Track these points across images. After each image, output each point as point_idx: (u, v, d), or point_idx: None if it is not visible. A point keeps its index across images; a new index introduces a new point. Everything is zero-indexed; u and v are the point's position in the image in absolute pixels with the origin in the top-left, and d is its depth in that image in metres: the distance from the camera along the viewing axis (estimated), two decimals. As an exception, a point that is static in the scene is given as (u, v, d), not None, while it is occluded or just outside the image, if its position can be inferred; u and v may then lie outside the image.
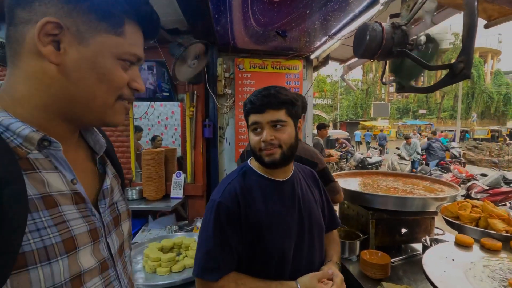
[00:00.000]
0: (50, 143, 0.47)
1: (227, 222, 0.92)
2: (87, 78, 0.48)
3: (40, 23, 0.43)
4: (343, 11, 1.58)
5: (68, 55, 0.46)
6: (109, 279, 0.54)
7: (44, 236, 0.43)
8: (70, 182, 0.50)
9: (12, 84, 0.47)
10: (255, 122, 0.95)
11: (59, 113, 0.49)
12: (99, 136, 0.61)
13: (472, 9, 0.91)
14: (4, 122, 0.43)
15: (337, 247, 1.20)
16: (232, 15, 1.69)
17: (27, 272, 0.41)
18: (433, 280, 0.99)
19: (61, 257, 0.45)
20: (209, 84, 2.41)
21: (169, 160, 2.46)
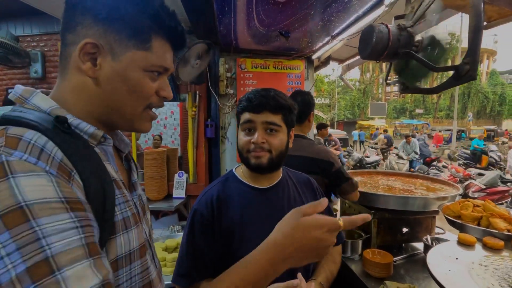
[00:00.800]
0: (105, 139, 0.56)
1: (201, 230, 0.91)
2: (119, 90, 0.55)
3: (80, 44, 0.51)
4: (347, 12, 1.59)
5: (103, 70, 0.53)
6: (151, 256, 0.63)
7: (122, 210, 0.53)
8: (117, 172, 0.58)
9: (62, 94, 0.54)
10: (248, 121, 0.91)
11: (98, 118, 0.57)
12: (123, 136, 0.68)
13: (478, 11, 0.92)
14: (73, 122, 0.51)
15: (332, 266, 1.06)
16: (236, 15, 1.69)
17: (115, 238, 0.50)
18: (439, 279, 1.01)
19: (133, 227, 0.55)
20: (211, 84, 2.41)
21: (171, 160, 2.45)
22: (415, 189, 1.89)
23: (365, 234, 1.67)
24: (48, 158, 0.42)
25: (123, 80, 0.54)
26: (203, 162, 2.45)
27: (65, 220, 0.39)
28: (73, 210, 0.40)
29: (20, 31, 2.54)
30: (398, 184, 2.07)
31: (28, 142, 0.41)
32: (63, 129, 0.48)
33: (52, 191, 0.39)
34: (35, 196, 0.37)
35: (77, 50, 0.51)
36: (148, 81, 0.57)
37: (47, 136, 0.44)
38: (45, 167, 0.40)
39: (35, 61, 2.49)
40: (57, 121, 0.47)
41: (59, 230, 0.38)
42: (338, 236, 1.13)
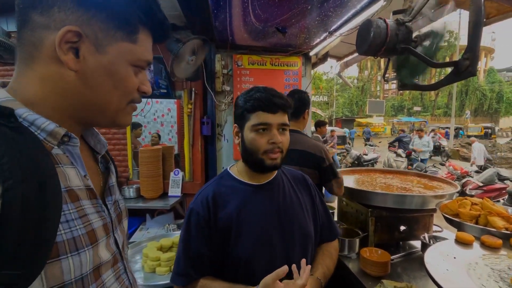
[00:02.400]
0: (70, 139, 0.49)
1: (197, 228, 0.92)
2: (103, 85, 0.50)
3: (61, 31, 0.44)
4: (345, 7, 1.56)
5: (86, 63, 0.48)
6: (119, 272, 0.57)
7: (72, 228, 0.46)
8: (84, 178, 0.52)
9: (25, 85, 0.47)
10: (264, 123, 0.90)
11: (72, 115, 0.51)
12: (99, 136, 0.62)
13: (479, 7, 0.90)
14: (29, 118, 0.45)
15: (329, 261, 1.06)
16: (231, 10, 1.66)
17: (59, 261, 0.44)
18: (437, 279, 0.99)
19: (87, 248, 0.48)
20: (207, 81, 2.38)
21: (167, 158, 2.43)
22: (413, 187, 1.88)
23: (363, 232, 1.66)
24: None
25: (109, 74, 0.50)
26: (199, 160, 2.42)
27: None
28: None
29: (12, 26, 2.49)
30: (396, 182, 2.06)
31: None
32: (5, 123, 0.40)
33: None
34: None
35: (56, 38, 0.45)
36: (132, 75, 0.53)
37: None
38: None
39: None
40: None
41: None
42: (334, 231, 1.13)
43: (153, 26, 0.54)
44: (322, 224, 1.10)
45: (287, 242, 0.96)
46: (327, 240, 1.12)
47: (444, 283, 0.96)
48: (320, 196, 1.15)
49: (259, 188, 0.98)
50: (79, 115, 0.52)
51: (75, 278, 0.45)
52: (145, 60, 0.54)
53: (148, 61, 0.55)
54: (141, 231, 2.10)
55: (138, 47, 0.52)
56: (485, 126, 20.21)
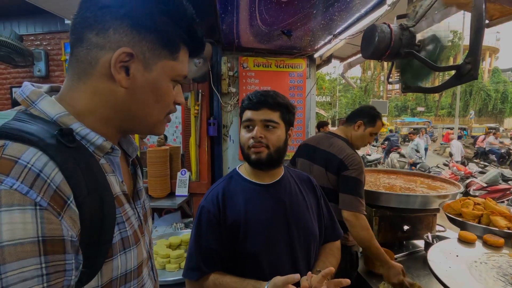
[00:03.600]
0: (113, 150, 0.54)
1: (207, 225, 0.96)
2: (147, 99, 0.54)
3: (117, 52, 0.49)
4: (349, 11, 1.60)
5: (135, 80, 0.52)
6: (149, 269, 0.63)
7: (122, 230, 0.52)
8: (121, 184, 0.56)
9: (77, 98, 0.51)
10: (248, 119, 0.98)
11: (116, 124, 0.55)
12: (132, 140, 0.66)
13: (480, 12, 0.93)
14: (81, 133, 0.49)
15: (333, 259, 1.09)
16: (239, 14, 1.70)
17: (112, 260, 0.49)
18: (439, 276, 1.02)
19: (132, 247, 0.53)
20: (213, 82, 2.42)
21: (174, 158, 2.47)
22: (416, 187, 1.91)
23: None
24: (43, 186, 0.39)
25: (153, 90, 0.54)
26: (205, 160, 2.46)
27: (32, 266, 0.36)
28: (47, 253, 0.38)
29: (23, 30, 2.56)
30: (399, 182, 2.09)
31: (24, 166, 0.38)
32: (67, 143, 0.44)
33: (33, 229, 0.37)
34: (11, 236, 0.35)
35: (112, 58, 0.49)
36: (171, 90, 0.57)
37: (48, 155, 0.41)
38: (35, 198, 0.38)
39: (39, 59, 2.51)
40: (61, 135, 0.44)
41: (22, 279, 0.35)
42: (337, 231, 1.16)
43: (193, 44, 0.58)
44: (325, 225, 1.13)
45: (292, 240, 0.99)
46: (330, 240, 1.15)
47: (446, 280, 0.99)
48: (324, 197, 1.18)
49: (266, 187, 1.02)
50: (122, 125, 0.56)
51: (120, 274, 0.50)
52: (183, 75, 0.58)
53: (185, 75, 0.59)
54: (150, 229, 2.15)
55: (178, 63, 0.56)
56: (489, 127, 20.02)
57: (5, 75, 2.68)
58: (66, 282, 0.40)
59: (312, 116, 2.87)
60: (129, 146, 0.65)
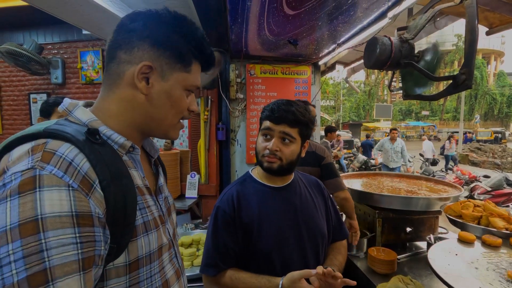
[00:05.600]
0: (134, 149, 0.63)
1: (223, 224, 1.02)
2: (163, 105, 0.64)
3: (140, 66, 0.59)
4: (353, 23, 1.68)
5: (154, 88, 0.62)
6: (171, 255, 0.70)
7: (143, 215, 0.59)
8: (143, 179, 0.65)
9: (106, 104, 0.62)
10: (267, 128, 1.02)
11: (138, 127, 0.65)
12: (154, 143, 0.76)
13: (473, 26, 1.01)
14: (107, 133, 0.59)
15: (340, 257, 1.15)
16: (248, 25, 1.79)
17: (136, 240, 0.56)
18: (438, 272, 1.09)
19: (153, 230, 0.61)
20: (222, 89, 2.52)
21: (184, 161, 2.56)
22: (419, 190, 1.96)
23: (370, 233, 1.74)
24: (74, 172, 0.48)
25: (168, 97, 0.63)
26: (214, 164, 2.55)
27: (68, 235, 0.44)
28: (79, 225, 0.45)
29: (42, 39, 2.69)
30: (402, 185, 2.14)
31: (60, 156, 0.48)
32: (94, 140, 0.53)
33: (67, 205, 0.45)
34: (51, 210, 0.43)
35: (136, 70, 0.59)
36: (185, 97, 0.67)
37: (78, 148, 0.51)
38: (69, 181, 0.46)
39: (56, 67, 2.63)
40: (88, 133, 0.54)
41: (61, 244, 0.43)
42: (344, 231, 1.23)
43: (203, 59, 0.68)
44: (333, 225, 1.19)
45: (303, 239, 1.05)
46: (337, 239, 1.21)
47: (444, 276, 1.05)
48: (332, 199, 1.24)
49: (278, 190, 1.07)
50: (141, 127, 0.65)
51: (145, 254, 0.58)
52: (195, 86, 0.68)
53: (197, 86, 0.69)
54: (161, 230, 2.23)
55: (190, 75, 0.66)
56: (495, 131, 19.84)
57: (24, 82, 2.80)
58: (97, 252, 0.48)
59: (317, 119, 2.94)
60: (151, 148, 0.75)
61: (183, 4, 1.77)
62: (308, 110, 1.08)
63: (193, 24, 0.65)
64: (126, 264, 0.55)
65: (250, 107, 2.73)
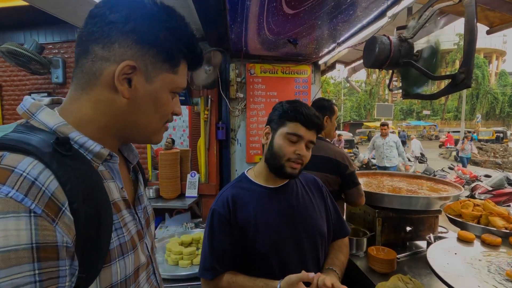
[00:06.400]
0: (111, 157, 0.55)
1: (220, 227, 1.01)
2: (147, 109, 0.57)
3: (122, 65, 0.51)
4: (352, 22, 1.68)
5: (137, 91, 0.54)
6: (149, 273, 0.64)
7: (120, 235, 0.53)
8: (121, 190, 0.58)
9: (78, 107, 0.53)
10: (298, 134, 1.01)
11: (117, 133, 0.58)
12: (133, 147, 0.69)
13: (472, 26, 1.01)
14: (79, 141, 0.50)
15: (341, 256, 1.14)
16: (247, 25, 1.79)
17: (110, 266, 0.50)
18: (437, 271, 1.09)
19: (130, 252, 0.54)
20: (222, 88, 2.52)
21: (184, 161, 2.57)
22: (419, 190, 1.96)
23: (370, 232, 1.74)
24: (38, 193, 0.40)
25: (154, 101, 0.56)
26: (214, 163, 2.56)
27: (26, 272, 0.37)
28: (40, 259, 0.38)
29: (42, 39, 2.70)
30: (402, 185, 2.14)
31: (19, 174, 0.40)
32: (64, 152, 0.45)
33: (26, 236, 0.37)
34: (5, 243, 0.36)
35: (117, 71, 0.51)
36: (170, 101, 0.60)
37: (44, 163, 0.42)
38: (30, 205, 0.38)
39: (56, 67, 2.64)
40: (57, 144, 0.45)
41: (14, 285, 0.36)
42: (345, 229, 1.23)
43: (192, 59, 0.61)
44: (333, 224, 1.18)
45: (301, 240, 1.04)
46: (338, 237, 1.21)
47: (443, 275, 1.05)
48: (331, 197, 1.22)
49: (274, 190, 1.06)
50: (121, 134, 0.58)
51: (120, 280, 0.51)
52: (182, 88, 0.61)
53: (183, 88, 0.62)
54: (161, 229, 2.24)
55: (177, 77, 0.58)
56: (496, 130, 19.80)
57: (25, 82, 2.81)
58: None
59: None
60: (130, 153, 0.67)
61: (182, 3, 1.77)
62: None
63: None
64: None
65: (250, 106, 2.73)
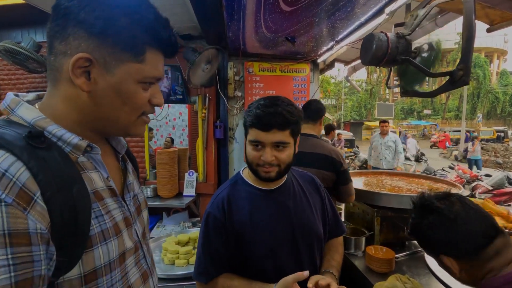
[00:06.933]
0: (92, 148, 0.56)
1: (214, 230, 0.98)
2: (112, 103, 0.55)
3: (73, 59, 0.50)
4: (350, 19, 1.67)
5: (97, 84, 0.53)
6: (138, 257, 0.66)
7: (101, 222, 0.55)
8: (106, 179, 0.60)
9: (53, 103, 0.55)
10: (257, 141, 0.92)
11: (91, 127, 0.58)
12: (120, 138, 0.70)
13: (470, 22, 0.99)
14: (57, 134, 0.51)
15: (337, 256, 1.12)
16: (244, 22, 1.78)
17: (92, 251, 0.52)
18: (435, 270, 1.08)
19: (113, 238, 0.56)
20: (220, 87, 2.51)
21: (182, 160, 2.56)
22: (418, 189, 1.95)
23: (368, 231, 1.73)
24: (8, 184, 0.42)
25: (117, 93, 0.54)
26: (212, 162, 2.55)
27: None
28: (13, 245, 0.40)
29: (40, 37, 2.69)
30: (402, 184, 2.13)
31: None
32: (36, 144, 0.46)
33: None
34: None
35: (69, 64, 0.50)
36: (141, 91, 0.57)
37: (15, 155, 0.44)
38: (1, 195, 0.41)
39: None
40: (29, 137, 0.46)
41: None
42: (341, 227, 1.20)
43: (161, 45, 0.57)
44: (330, 223, 1.15)
45: (297, 243, 1.01)
46: (334, 236, 1.19)
47: (440, 274, 1.05)
48: (328, 196, 1.19)
49: (270, 192, 1.02)
50: (96, 127, 0.58)
51: (103, 264, 0.54)
52: (153, 77, 0.58)
53: (156, 77, 0.58)
54: (158, 228, 2.23)
55: (145, 66, 0.55)
56: (497, 130, 19.75)
57: (22, 80, 2.81)
58: (36, 273, 0.42)
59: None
60: (118, 144, 0.69)
61: (179, 1, 1.76)
62: (294, 105, 0.97)
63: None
64: (80, 276, 0.51)
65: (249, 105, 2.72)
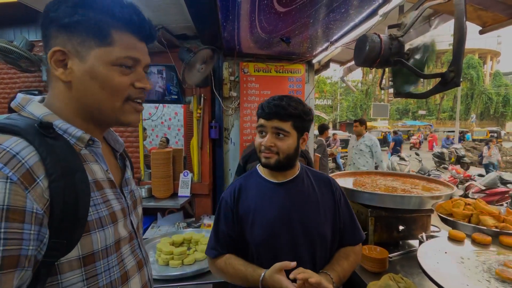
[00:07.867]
0: (94, 142, 0.62)
1: (224, 214, 1.11)
2: (91, 88, 0.59)
3: (49, 53, 0.57)
4: (344, 20, 1.68)
5: (74, 73, 0.58)
6: (134, 247, 0.70)
7: (99, 210, 0.59)
8: (106, 172, 0.65)
9: (51, 101, 0.61)
10: (261, 125, 1.06)
11: (85, 118, 0.63)
12: (118, 137, 0.76)
13: (461, 25, 1.01)
14: (63, 127, 0.57)
15: (345, 263, 1.08)
16: (239, 23, 1.78)
17: (90, 235, 0.56)
18: (426, 270, 1.09)
19: (109, 225, 0.60)
20: (215, 87, 2.51)
21: (177, 160, 2.55)
22: (411, 189, 1.96)
23: (363, 231, 1.74)
24: (17, 164, 0.46)
25: (92, 78, 0.58)
26: (207, 162, 2.54)
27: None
28: (8, 219, 0.43)
29: (33, 36, 2.66)
30: (395, 184, 2.14)
31: (3, 149, 0.47)
32: (46, 133, 0.52)
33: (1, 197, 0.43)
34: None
35: (48, 59, 0.57)
36: (117, 74, 0.60)
37: (28, 141, 0.49)
38: (8, 173, 0.45)
39: (47, 65, 2.60)
40: (40, 127, 0.52)
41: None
42: (358, 236, 1.18)
43: (128, 27, 0.61)
44: (344, 228, 1.13)
45: (295, 238, 1.04)
46: (348, 244, 1.15)
47: (432, 274, 1.05)
48: (345, 200, 1.18)
49: (278, 185, 1.10)
50: (88, 117, 0.62)
51: (101, 248, 0.58)
52: (126, 57, 0.60)
53: (131, 57, 0.61)
54: (153, 228, 2.22)
55: (114, 48, 0.59)
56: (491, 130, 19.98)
57: (15, 80, 2.77)
58: (23, 252, 0.45)
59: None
60: (116, 143, 0.75)
61: (174, 1, 1.75)
62: (302, 103, 1.08)
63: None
64: (79, 257, 0.54)
65: (244, 105, 2.72)
